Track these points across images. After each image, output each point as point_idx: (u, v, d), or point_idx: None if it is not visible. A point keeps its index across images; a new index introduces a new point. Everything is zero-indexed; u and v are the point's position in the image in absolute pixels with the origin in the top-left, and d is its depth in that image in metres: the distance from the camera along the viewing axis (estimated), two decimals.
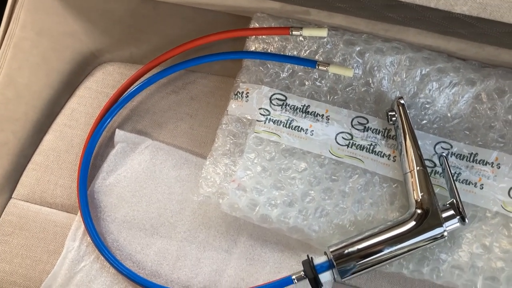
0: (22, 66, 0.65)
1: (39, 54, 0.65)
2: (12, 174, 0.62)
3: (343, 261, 0.50)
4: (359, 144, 0.56)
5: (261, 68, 0.59)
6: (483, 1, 0.44)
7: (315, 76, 0.58)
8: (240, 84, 0.59)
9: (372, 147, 0.56)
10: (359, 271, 0.51)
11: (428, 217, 0.51)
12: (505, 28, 0.47)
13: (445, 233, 0.51)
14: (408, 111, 0.56)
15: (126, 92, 0.62)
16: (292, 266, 0.56)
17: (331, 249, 0.51)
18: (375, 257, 0.50)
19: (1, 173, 0.62)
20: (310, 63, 0.57)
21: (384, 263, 0.51)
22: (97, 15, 0.65)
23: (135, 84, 0.62)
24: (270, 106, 0.58)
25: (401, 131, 0.54)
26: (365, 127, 0.57)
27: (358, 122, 0.57)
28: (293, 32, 0.56)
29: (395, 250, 0.50)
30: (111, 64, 0.66)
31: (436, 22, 0.50)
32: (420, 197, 0.52)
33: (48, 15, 0.65)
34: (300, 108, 0.58)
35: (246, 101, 0.58)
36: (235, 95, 0.59)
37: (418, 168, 0.52)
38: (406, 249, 0.51)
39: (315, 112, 0.57)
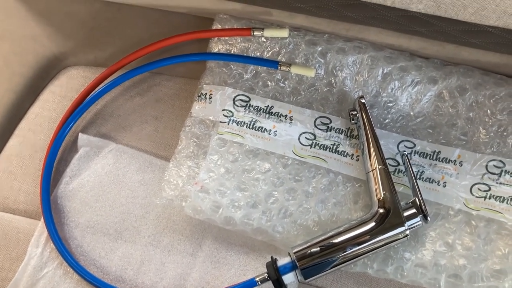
0: None
1: (0, 58, 0.64)
2: None
3: (306, 262, 0.50)
4: (322, 144, 0.56)
5: (224, 69, 0.59)
6: None
7: (278, 77, 0.58)
8: (204, 85, 0.59)
9: (335, 146, 0.56)
10: (323, 271, 0.50)
11: (389, 216, 0.50)
12: (462, 26, 0.47)
13: (407, 232, 0.50)
14: (371, 111, 0.56)
15: (89, 95, 0.61)
16: (257, 268, 0.55)
17: (294, 250, 0.51)
18: (338, 257, 0.50)
19: None
20: (272, 63, 0.57)
21: (348, 263, 0.51)
22: (60, 18, 0.65)
23: (98, 87, 0.61)
24: (234, 107, 0.58)
25: (363, 130, 0.54)
26: (328, 127, 0.56)
27: (321, 122, 0.57)
28: (255, 33, 0.56)
29: (358, 249, 0.50)
30: (76, 67, 0.66)
31: (395, 20, 0.50)
32: (382, 196, 0.51)
33: (9, 18, 0.64)
34: (264, 109, 0.57)
35: (210, 103, 0.58)
36: (198, 96, 0.59)
37: (379, 167, 0.52)
38: (369, 249, 0.50)
39: (279, 112, 0.57)
